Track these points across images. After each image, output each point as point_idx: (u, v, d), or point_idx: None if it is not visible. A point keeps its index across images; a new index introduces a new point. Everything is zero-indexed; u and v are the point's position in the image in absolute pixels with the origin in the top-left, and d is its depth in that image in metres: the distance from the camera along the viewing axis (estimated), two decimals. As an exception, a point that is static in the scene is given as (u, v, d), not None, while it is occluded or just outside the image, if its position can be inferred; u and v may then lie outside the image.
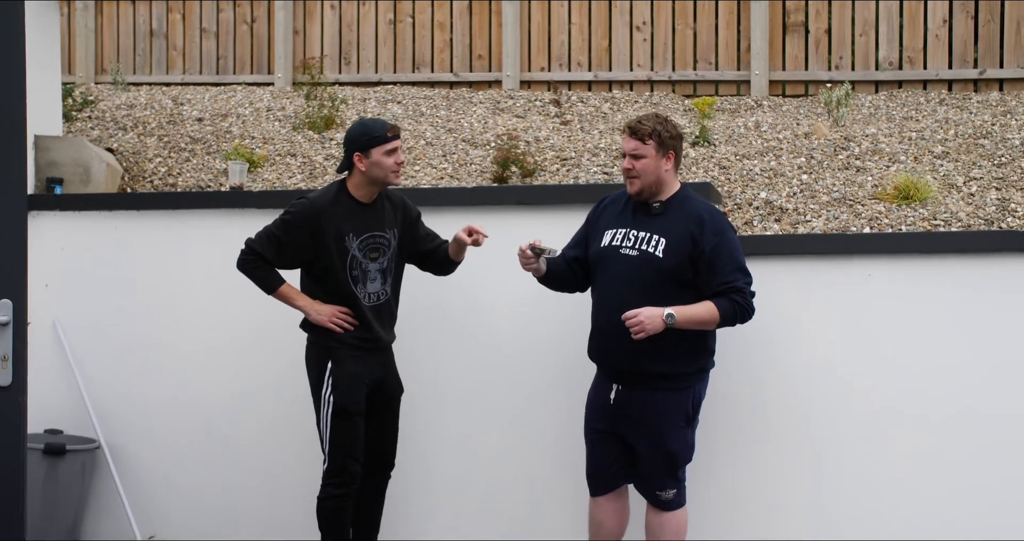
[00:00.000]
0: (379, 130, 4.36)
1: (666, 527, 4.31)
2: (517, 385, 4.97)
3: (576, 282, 4.43)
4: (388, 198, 4.55)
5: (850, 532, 4.59)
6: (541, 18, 8.59)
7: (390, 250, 4.48)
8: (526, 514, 4.96)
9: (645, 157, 4.17)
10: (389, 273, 4.50)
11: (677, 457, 4.22)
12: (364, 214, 4.43)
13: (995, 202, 5.50)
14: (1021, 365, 4.46)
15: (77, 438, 5.40)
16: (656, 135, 4.17)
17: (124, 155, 7.06)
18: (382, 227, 4.46)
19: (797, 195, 5.76)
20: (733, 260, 4.10)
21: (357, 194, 4.44)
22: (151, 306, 5.50)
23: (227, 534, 5.34)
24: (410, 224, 4.55)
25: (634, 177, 4.20)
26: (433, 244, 4.58)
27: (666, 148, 4.18)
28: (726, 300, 4.06)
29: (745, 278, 4.11)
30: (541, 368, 4.92)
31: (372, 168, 4.37)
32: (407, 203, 4.61)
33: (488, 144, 6.90)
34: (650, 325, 4.01)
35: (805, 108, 7.58)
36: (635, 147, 4.18)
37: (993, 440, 4.47)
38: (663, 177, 4.20)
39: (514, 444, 4.98)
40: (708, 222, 4.12)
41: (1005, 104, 7.17)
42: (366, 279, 4.43)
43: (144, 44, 9.56)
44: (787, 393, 4.65)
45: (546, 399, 4.91)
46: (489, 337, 5.01)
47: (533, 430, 4.95)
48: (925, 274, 4.56)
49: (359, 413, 4.44)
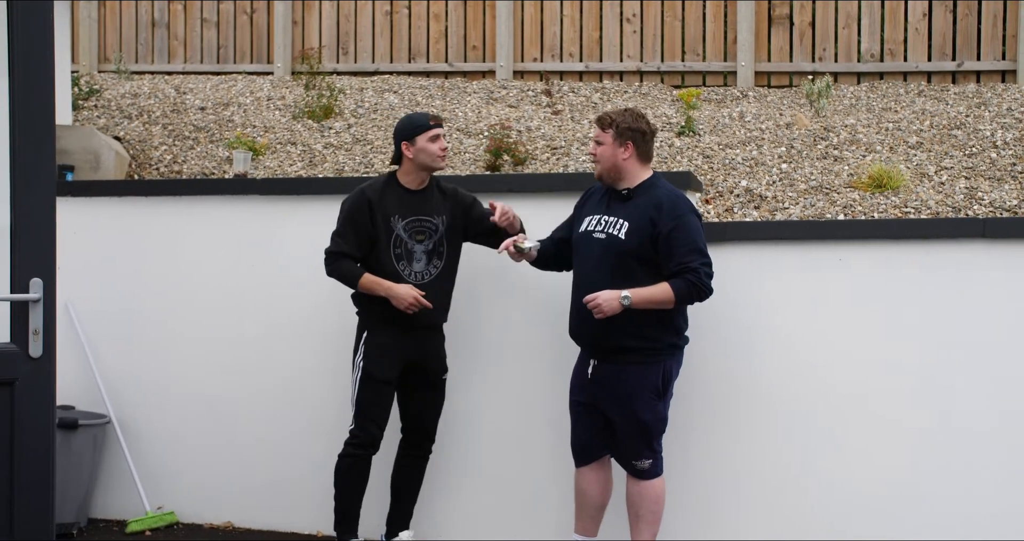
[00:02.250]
0: (422, 119, 4.80)
1: (644, 495, 4.58)
2: (513, 364, 5.22)
3: (564, 262, 4.78)
4: (439, 187, 4.91)
5: (821, 517, 4.83)
6: (534, 10, 8.84)
7: (437, 234, 4.82)
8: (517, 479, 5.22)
9: (603, 144, 4.53)
10: (436, 256, 4.83)
11: (650, 428, 4.50)
12: (412, 199, 4.81)
13: (963, 191, 5.77)
14: (986, 347, 4.69)
15: (89, 413, 5.66)
16: (615, 125, 4.50)
17: (130, 143, 7.32)
18: (429, 213, 4.82)
19: (776, 183, 6.02)
20: (689, 242, 4.38)
21: (405, 181, 4.82)
22: (159, 288, 5.75)
23: (233, 505, 5.60)
24: (463, 210, 4.89)
25: (595, 162, 4.58)
26: (491, 223, 4.87)
27: (624, 138, 4.49)
28: (681, 280, 4.35)
29: (702, 259, 4.39)
30: (534, 350, 5.17)
31: (418, 154, 4.75)
32: (459, 192, 4.95)
33: (481, 133, 7.15)
34: (607, 307, 4.34)
35: (789, 99, 7.84)
36: (596, 134, 4.57)
37: (963, 423, 4.70)
38: (620, 165, 4.51)
39: (514, 420, 5.24)
40: (666, 206, 4.41)
41: (981, 96, 7.43)
42: (411, 259, 4.77)
43: (146, 34, 9.79)
44: (757, 374, 4.89)
45: (540, 377, 5.16)
46: (485, 325, 5.26)
47: (531, 409, 5.19)
48: (894, 258, 4.81)
49: (386, 382, 4.79)
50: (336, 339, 5.35)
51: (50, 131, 3.17)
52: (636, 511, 4.61)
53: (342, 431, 4.90)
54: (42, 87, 3.14)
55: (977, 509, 4.66)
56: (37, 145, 3.11)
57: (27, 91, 3.10)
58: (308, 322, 5.47)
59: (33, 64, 3.13)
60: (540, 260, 4.78)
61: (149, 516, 5.59)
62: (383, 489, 5.01)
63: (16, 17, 3.10)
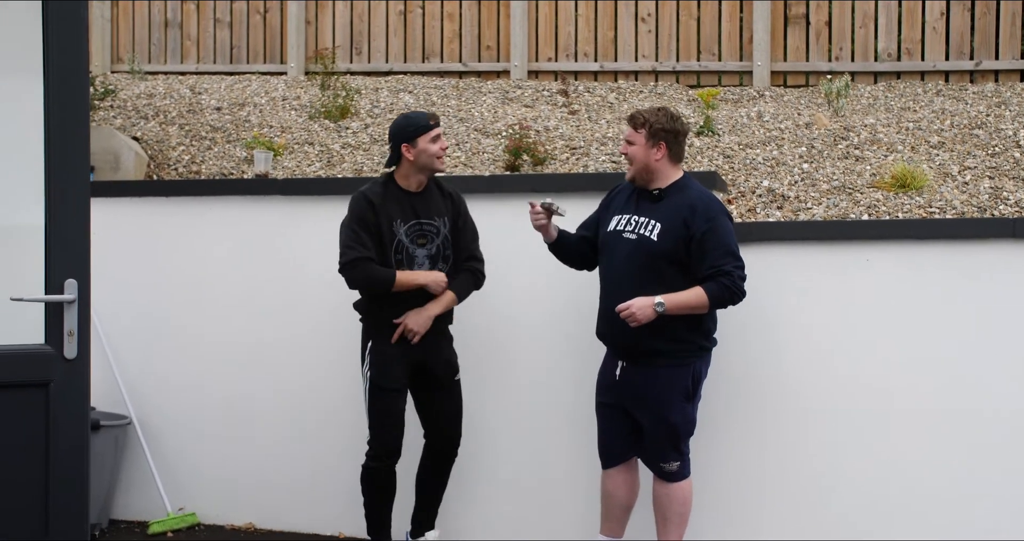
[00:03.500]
0: (422, 120, 4.67)
1: (672, 498, 4.56)
2: (538, 363, 5.20)
3: (583, 260, 4.73)
4: (440, 188, 4.81)
5: (846, 517, 4.81)
6: (548, 9, 8.81)
7: (439, 237, 4.72)
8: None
9: (635, 144, 4.48)
10: (440, 259, 4.74)
11: (679, 430, 4.47)
12: (412, 202, 4.70)
13: (988, 190, 5.74)
14: (1016, 347, 4.67)
15: (110, 414, 5.65)
16: (648, 125, 4.45)
17: (148, 143, 7.30)
18: (430, 215, 4.71)
19: (798, 183, 5.99)
20: (723, 245, 4.34)
21: (404, 183, 4.71)
22: (179, 289, 5.74)
23: (254, 506, 5.59)
24: (456, 216, 4.79)
25: (629, 162, 4.52)
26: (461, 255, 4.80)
27: (656, 138, 4.44)
28: (714, 284, 4.31)
29: (735, 262, 4.35)
30: (555, 350, 5.15)
31: (420, 156, 4.64)
32: (459, 198, 4.85)
33: (499, 133, 7.13)
34: (641, 314, 4.29)
35: (806, 98, 7.81)
36: (628, 134, 4.51)
37: (990, 423, 4.68)
38: (653, 166, 4.46)
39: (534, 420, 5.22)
40: (700, 208, 4.37)
41: (1000, 95, 7.41)
42: (412, 264, 4.67)
43: (159, 34, 9.77)
44: (784, 376, 4.87)
45: (561, 377, 5.14)
46: (507, 321, 5.24)
47: (552, 409, 5.18)
48: (921, 259, 4.79)
49: (395, 390, 4.71)
50: (356, 339, 5.33)
51: (84, 133, 3.16)
52: (664, 513, 4.59)
53: (362, 431, 4.88)
54: (77, 88, 3.13)
55: (1012, 508, 4.63)
56: (72, 148, 3.11)
57: (62, 92, 3.09)
58: (328, 322, 5.45)
59: (68, 65, 3.12)
60: (559, 248, 4.70)
61: (170, 517, 5.58)
62: (407, 488, 4.98)
63: (51, 17, 3.08)
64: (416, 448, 4.91)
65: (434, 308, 4.68)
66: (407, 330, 4.65)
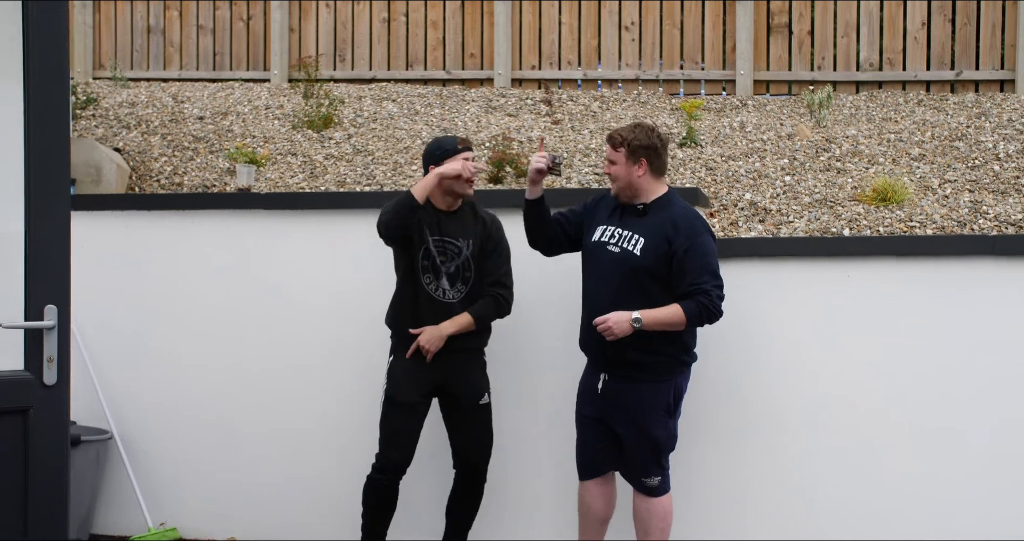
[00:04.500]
0: (450, 144, 4.70)
1: (653, 512, 4.57)
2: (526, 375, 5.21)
3: (551, 240, 4.67)
4: (475, 211, 4.80)
5: (824, 529, 4.84)
6: (532, 17, 8.82)
7: (460, 258, 4.72)
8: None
9: (616, 164, 4.49)
10: (462, 281, 4.73)
11: (660, 445, 4.49)
12: (442, 220, 4.72)
13: (968, 204, 5.77)
14: (994, 363, 4.71)
15: (91, 429, 5.62)
16: (627, 144, 4.46)
17: (130, 154, 7.27)
18: (456, 235, 4.71)
19: (780, 196, 6.02)
20: (703, 263, 4.35)
21: (436, 203, 4.72)
22: (161, 303, 5.71)
23: (236, 521, 5.58)
24: (485, 240, 4.77)
25: (612, 181, 4.53)
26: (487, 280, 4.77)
27: (636, 156, 4.46)
28: (692, 302, 4.33)
29: (714, 281, 4.36)
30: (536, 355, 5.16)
31: (445, 179, 4.63)
32: (494, 225, 4.82)
33: (483, 144, 7.13)
34: (618, 328, 4.31)
35: (788, 108, 7.84)
36: (609, 153, 4.52)
37: (967, 436, 4.72)
38: (635, 183, 4.48)
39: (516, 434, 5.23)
40: (683, 226, 4.39)
41: (980, 105, 7.45)
42: (438, 274, 4.70)
43: (142, 40, 9.73)
44: (765, 390, 4.90)
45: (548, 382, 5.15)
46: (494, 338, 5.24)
47: (534, 419, 5.18)
48: (901, 275, 4.82)
49: (408, 405, 4.69)
50: (338, 353, 5.34)
51: (65, 155, 3.14)
52: (645, 528, 4.60)
53: (345, 445, 4.89)
54: (58, 112, 3.10)
55: (984, 522, 4.67)
56: (53, 169, 3.09)
57: (43, 117, 3.07)
58: (311, 337, 5.45)
59: (49, 91, 3.09)
60: (534, 210, 4.63)
61: (152, 532, 5.56)
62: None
63: (32, 20, 3.03)
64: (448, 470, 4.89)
65: (448, 327, 4.68)
66: (421, 347, 4.66)
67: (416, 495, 5.02)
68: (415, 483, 4.90)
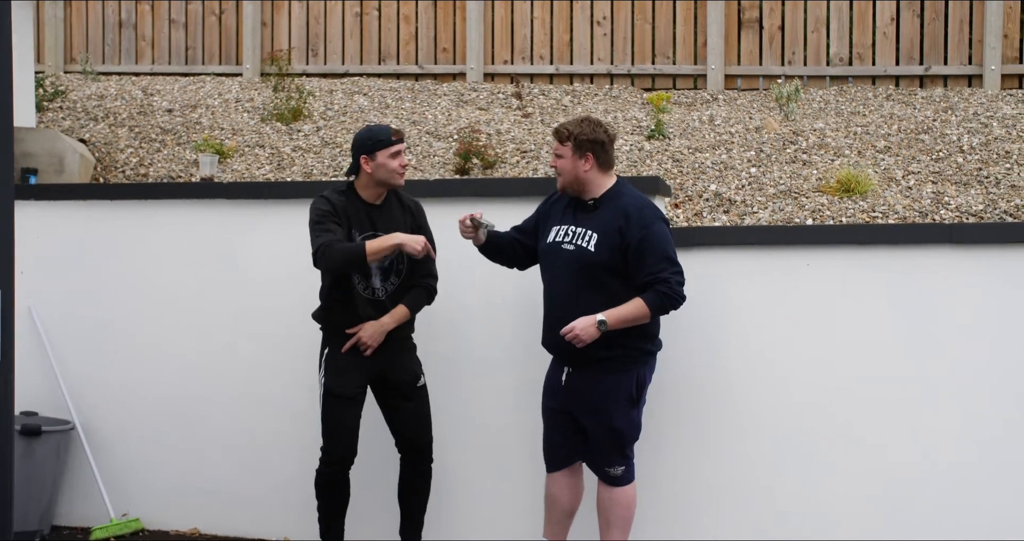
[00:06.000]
0: (384, 134, 4.62)
1: (616, 502, 4.57)
2: (484, 374, 5.21)
3: (514, 259, 4.73)
4: (400, 201, 4.78)
5: (786, 519, 4.85)
6: (504, 12, 8.82)
7: (393, 252, 4.62)
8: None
9: (563, 157, 4.48)
10: (395, 273, 4.71)
11: (624, 435, 4.49)
12: (371, 213, 4.68)
13: (930, 195, 5.80)
14: (952, 350, 4.72)
15: (52, 420, 5.59)
16: (573, 138, 4.46)
17: (96, 145, 7.23)
18: (388, 229, 4.66)
19: (745, 187, 6.03)
20: (659, 251, 4.35)
21: (363, 194, 4.69)
22: (124, 293, 5.68)
23: (199, 512, 5.55)
24: (415, 231, 4.74)
25: (558, 175, 4.53)
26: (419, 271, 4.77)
27: (583, 150, 4.45)
28: (652, 293, 4.33)
29: (672, 268, 4.36)
30: (503, 349, 5.16)
31: (378, 170, 4.61)
32: (419, 210, 4.82)
33: (451, 136, 7.12)
34: (585, 334, 4.31)
35: (758, 102, 7.86)
36: (555, 148, 4.52)
37: (929, 425, 4.73)
38: (582, 177, 4.47)
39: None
40: (634, 216, 4.38)
41: (948, 100, 7.49)
42: (368, 274, 4.65)
43: (113, 34, 9.69)
44: (728, 378, 4.89)
45: (513, 376, 5.14)
46: (455, 329, 5.24)
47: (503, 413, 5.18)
48: (860, 263, 4.82)
49: (348, 397, 4.68)
50: (303, 344, 5.29)
51: (8, 138, 3.11)
52: (607, 517, 4.60)
53: (309, 436, 4.86)
54: (0, 92, 3.08)
55: (946, 514, 4.68)
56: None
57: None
58: (275, 327, 5.43)
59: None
60: (490, 249, 4.70)
61: (114, 523, 5.53)
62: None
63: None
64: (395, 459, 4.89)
65: (388, 321, 4.68)
66: (360, 342, 4.64)
67: (368, 492, 5.03)
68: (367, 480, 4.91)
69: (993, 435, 4.66)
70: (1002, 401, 4.66)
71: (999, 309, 4.67)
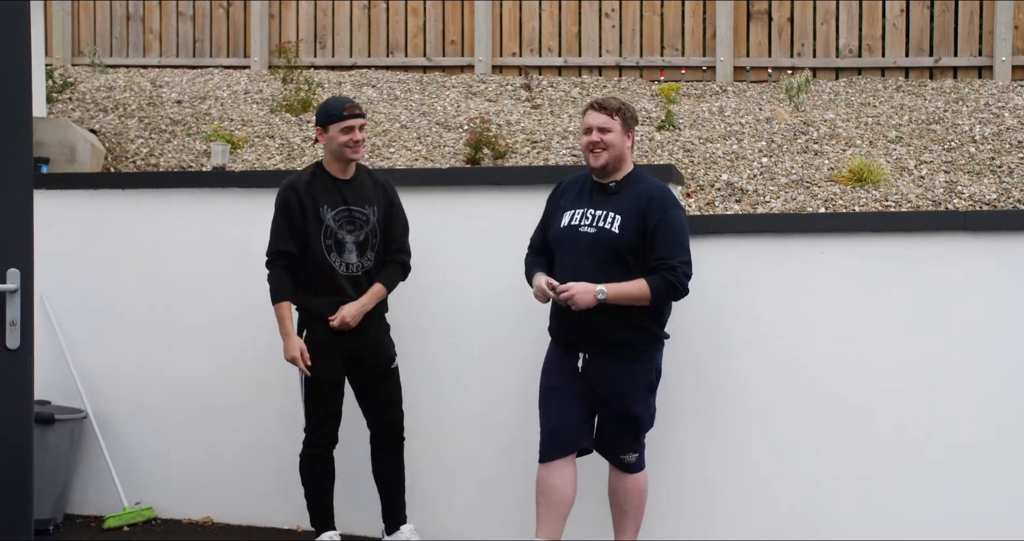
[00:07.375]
0: (337, 108, 4.64)
1: (629, 490, 4.54)
2: (490, 357, 5.20)
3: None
4: (371, 176, 4.78)
5: (801, 512, 4.84)
6: (512, 5, 8.81)
7: (368, 225, 4.70)
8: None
9: (612, 131, 4.42)
10: (369, 247, 4.72)
11: (641, 421, 4.46)
12: (341, 188, 4.70)
13: (943, 184, 5.79)
14: (967, 338, 4.70)
15: (65, 408, 5.59)
16: (622, 113, 4.44)
17: (106, 136, 7.23)
18: (360, 203, 4.69)
19: (757, 177, 6.02)
20: (674, 237, 4.32)
21: (331, 169, 4.72)
22: (136, 282, 5.69)
23: (212, 500, 5.55)
24: (388, 206, 4.78)
25: (601, 150, 4.41)
26: (391, 247, 4.80)
27: (629, 126, 4.46)
28: (658, 278, 4.28)
29: (682, 257, 4.31)
30: (507, 337, 5.15)
31: (329, 143, 4.66)
32: (390, 187, 4.83)
33: (461, 127, 7.11)
34: (580, 299, 4.25)
35: (768, 94, 7.84)
36: (604, 121, 4.42)
37: (942, 416, 4.71)
38: (625, 153, 4.46)
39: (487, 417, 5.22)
40: (657, 199, 4.36)
41: (958, 91, 7.47)
42: (343, 250, 4.67)
43: (121, 27, 9.69)
44: (741, 366, 4.88)
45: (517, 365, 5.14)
46: (462, 316, 5.24)
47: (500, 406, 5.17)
48: (874, 251, 4.81)
49: (330, 380, 4.72)
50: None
51: (27, 121, 3.11)
52: (621, 506, 4.56)
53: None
54: (18, 77, 3.07)
55: (961, 507, 4.67)
56: (13, 135, 3.04)
57: (3, 81, 3.04)
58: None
59: (9, 52, 3.07)
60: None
61: (127, 511, 5.53)
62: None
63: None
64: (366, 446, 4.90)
65: (368, 302, 4.70)
66: (341, 323, 4.65)
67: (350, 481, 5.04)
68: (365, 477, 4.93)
69: (1010, 421, 4.65)
70: (1019, 387, 4.65)
71: (1014, 296, 4.66)
